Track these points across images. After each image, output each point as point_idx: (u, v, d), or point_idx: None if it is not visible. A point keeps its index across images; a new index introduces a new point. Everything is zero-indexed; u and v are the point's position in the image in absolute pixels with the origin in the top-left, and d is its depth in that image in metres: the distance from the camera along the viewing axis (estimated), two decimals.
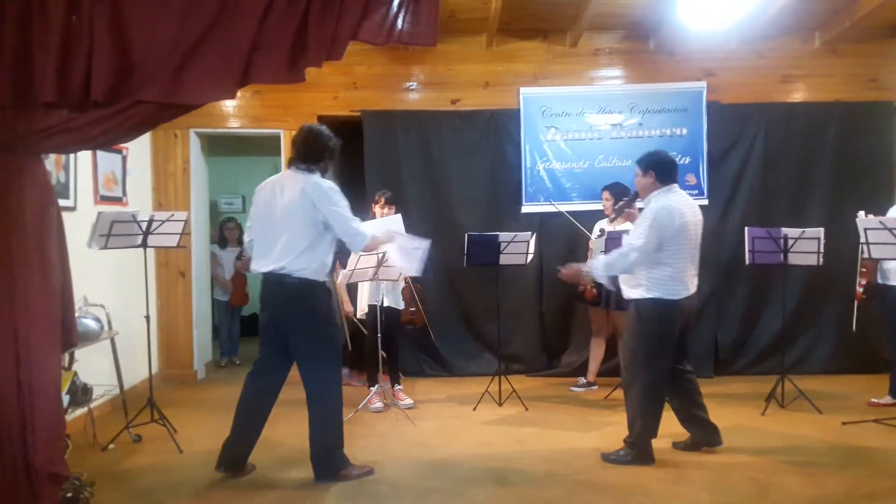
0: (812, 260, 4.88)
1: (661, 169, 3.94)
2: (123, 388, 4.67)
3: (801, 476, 3.76)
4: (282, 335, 3.68)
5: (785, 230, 4.92)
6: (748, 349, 6.18)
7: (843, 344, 5.98)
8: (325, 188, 3.61)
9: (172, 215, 4.49)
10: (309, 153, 3.70)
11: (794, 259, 4.94)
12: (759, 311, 6.14)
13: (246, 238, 3.90)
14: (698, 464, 3.98)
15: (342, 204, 3.64)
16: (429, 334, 5.47)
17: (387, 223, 4.55)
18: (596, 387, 5.64)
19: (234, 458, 3.80)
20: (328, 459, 3.71)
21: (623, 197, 5.55)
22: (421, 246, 4.44)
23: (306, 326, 3.65)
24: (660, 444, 4.10)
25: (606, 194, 5.54)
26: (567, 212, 5.74)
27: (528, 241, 5.21)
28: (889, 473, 3.81)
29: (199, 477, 3.84)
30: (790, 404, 5.02)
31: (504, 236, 5.15)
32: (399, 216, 4.75)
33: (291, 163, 3.77)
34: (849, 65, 6.14)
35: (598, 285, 5.33)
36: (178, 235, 4.52)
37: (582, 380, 5.75)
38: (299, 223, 3.58)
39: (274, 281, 3.64)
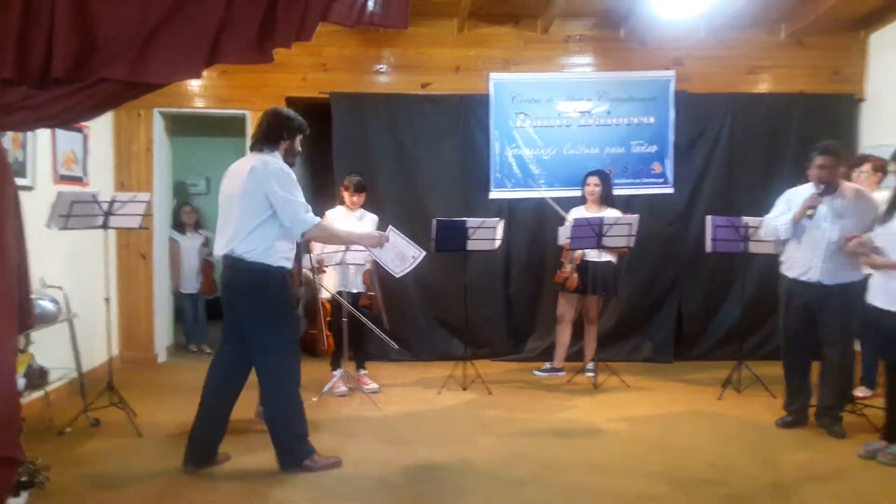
0: (772, 249, 4.97)
1: None
2: (82, 370, 4.59)
3: (756, 459, 3.87)
4: (238, 321, 3.60)
5: (745, 219, 5.00)
6: (708, 335, 6.31)
7: None
8: (272, 168, 3.49)
9: (135, 196, 4.41)
10: (266, 133, 3.63)
11: (754, 248, 5.03)
12: (719, 299, 6.27)
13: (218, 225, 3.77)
14: (657, 446, 4.06)
15: (288, 185, 3.48)
16: (381, 322, 5.36)
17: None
18: (563, 372, 5.70)
19: (201, 451, 3.68)
20: (292, 450, 3.65)
21: (610, 183, 5.62)
22: (417, 255, 4.40)
23: (257, 314, 3.54)
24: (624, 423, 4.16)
25: (596, 180, 5.57)
26: (549, 198, 5.74)
27: (496, 227, 5.23)
28: (838, 454, 3.94)
29: (158, 461, 3.80)
30: (746, 389, 5.14)
31: (472, 222, 5.15)
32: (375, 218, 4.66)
33: (252, 145, 3.71)
34: (813, 57, 6.25)
35: (582, 273, 5.40)
36: (141, 217, 4.45)
37: (547, 364, 5.81)
38: (247, 203, 3.47)
39: (228, 265, 3.57)
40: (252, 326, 3.55)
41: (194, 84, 6.00)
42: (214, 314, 7.22)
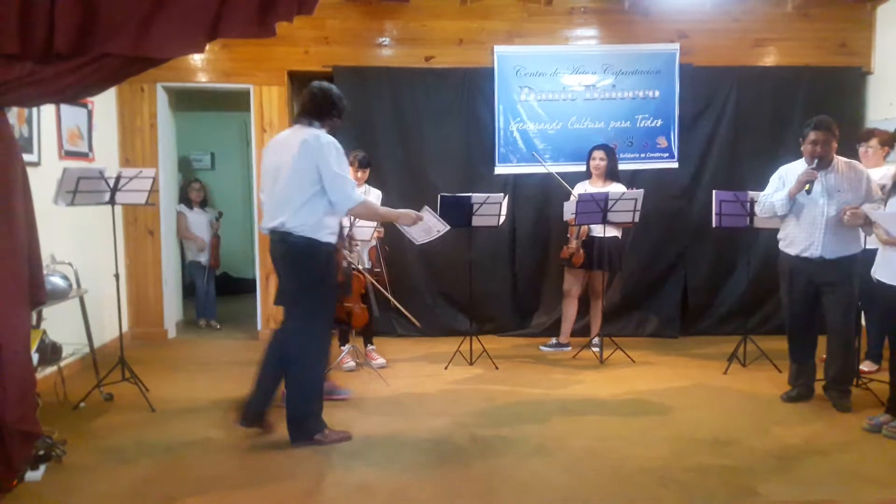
0: (776, 224, 4.96)
1: None
2: (93, 346, 4.63)
3: (760, 432, 3.91)
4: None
5: (751, 193, 4.98)
6: (714, 310, 6.32)
7: None
8: (325, 141, 3.51)
9: (141, 172, 4.41)
10: (315, 107, 3.65)
11: (759, 223, 5.02)
12: (725, 274, 6.27)
13: (262, 198, 3.83)
14: (660, 422, 4.10)
15: (339, 161, 3.53)
16: (388, 298, 5.41)
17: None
18: (569, 347, 5.73)
19: (255, 413, 3.76)
20: (302, 424, 3.69)
21: (616, 158, 5.60)
22: (441, 230, 4.46)
23: (299, 286, 3.61)
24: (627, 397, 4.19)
25: (601, 154, 5.55)
26: (556, 173, 5.73)
27: (501, 203, 5.23)
28: (843, 428, 3.98)
29: (171, 435, 3.87)
30: (751, 364, 5.17)
31: (477, 197, 5.15)
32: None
33: (296, 118, 3.73)
34: (819, 29, 6.18)
35: (588, 248, 5.41)
36: (147, 193, 4.45)
37: (553, 340, 5.85)
38: (298, 177, 3.50)
39: (276, 239, 3.62)
40: (292, 298, 3.64)
41: (197, 58, 5.97)
42: (225, 290, 7.29)
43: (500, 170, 6.14)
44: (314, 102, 3.66)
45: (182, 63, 5.90)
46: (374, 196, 5.28)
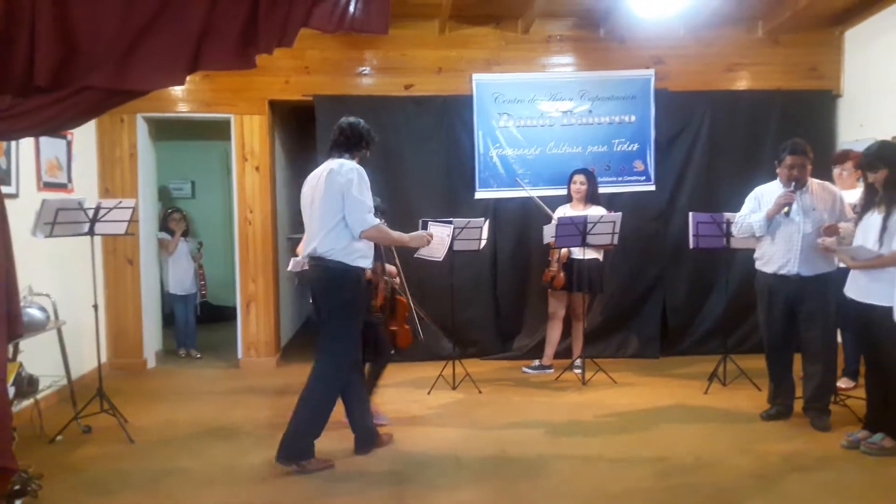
0: (753, 244, 5.04)
1: None
2: (71, 378, 4.59)
3: (741, 451, 3.94)
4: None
5: (727, 215, 5.07)
6: (693, 330, 6.38)
7: None
8: (348, 167, 3.68)
9: (120, 202, 4.41)
10: (344, 140, 3.84)
11: (736, 243, 5.10)
12: (703, 294, 6.34)
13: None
14: (643, 443, 4.12)
15: (361, 186, 3.66)
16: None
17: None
18: (552, 369, 5.74)
19: (361, 436, 3.96)
20: (296, 445, 3.70)
21: (596, 181, 5.69)
22: (450, 233, 4.62)
23: (329, 309, 3.75)
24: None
25: (582, 178, 5.64)
26: (536, 197, 5.81)
27: (482, 227, 5.27)
28: (822, 445, 4.02)
29: (151, 467, 3.82)
30: (732, 383, 5.22)
31: (458, 222, 5.19)
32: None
33: (328, 152, 3.91)
34: (790, 54, 6.35)
35: (568, 270, 5.46)
36: (127, 223, 4.45)
37: (536, 362, 5.87)
38: (326, 204, 3.67)
39: (312, 264, 3.80)
40: (323, 320, 3.77)
41: (178, 89, 5.99)
42: (204, 319, 7.25)
43: (480, 194, 6.19)
44: (343, 136, 3.85)
45: (163, 94, 5.93)
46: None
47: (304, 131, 7.08)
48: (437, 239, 4.49)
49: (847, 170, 4.97)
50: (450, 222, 5.16)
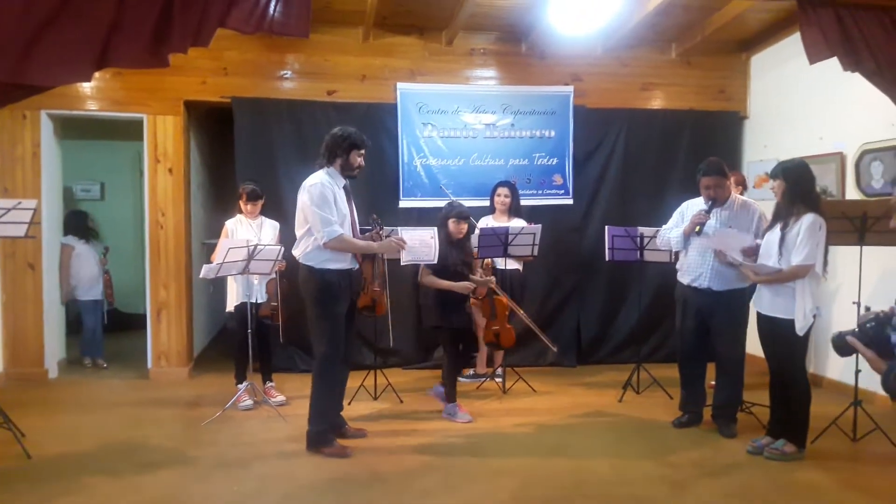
0: (665, 257, 5.23)
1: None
2: None
3: (654, 458, 4.06)
4: None
5: (641, 229, 5.25)
6: (609, 340, 6.56)
7: None
8: (311, 183, 3.96)
9: (19, 203, 4.14)
10: (325, 151, 4.09)
11: (649, 256, 5.28)
12: (618, 305, 6.53)
13: None
14: (561, 451, 4.19)
15: (316, 199, 3.90)
16: (279, 333, 5.28)
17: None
18: (485, 379, 5.76)
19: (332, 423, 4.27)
20: (309, 436, 4.11)
21: (519, 194, 5.76)
22: (433, 235, 4.73)
23: (308, 308, 4.05)
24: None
25: (506, 191, 5.70)
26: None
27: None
28: (729, 451, 4.19)
29: (48, 484, 3.59)
30: (645, 391, 5.38)
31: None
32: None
33: (317, 162, 4.16)
34: (701, 76, 6.65)
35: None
36: (27, 225, 4.18)
37: (471, 371, 5.91)
38: (299, 213, 4.04)
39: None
40: (308, 318, 4.09)
41: (86, 85, 5.71)
42: (112, 327, 6.90)
43: (405, 203, 6.18)
44: (324, 147, 4.11)
45: (69, 90, 5.64)
46: (270, 227, 5.22)
47: (222, 134, 6.88)
48: (420, 242, 4.64)
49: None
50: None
